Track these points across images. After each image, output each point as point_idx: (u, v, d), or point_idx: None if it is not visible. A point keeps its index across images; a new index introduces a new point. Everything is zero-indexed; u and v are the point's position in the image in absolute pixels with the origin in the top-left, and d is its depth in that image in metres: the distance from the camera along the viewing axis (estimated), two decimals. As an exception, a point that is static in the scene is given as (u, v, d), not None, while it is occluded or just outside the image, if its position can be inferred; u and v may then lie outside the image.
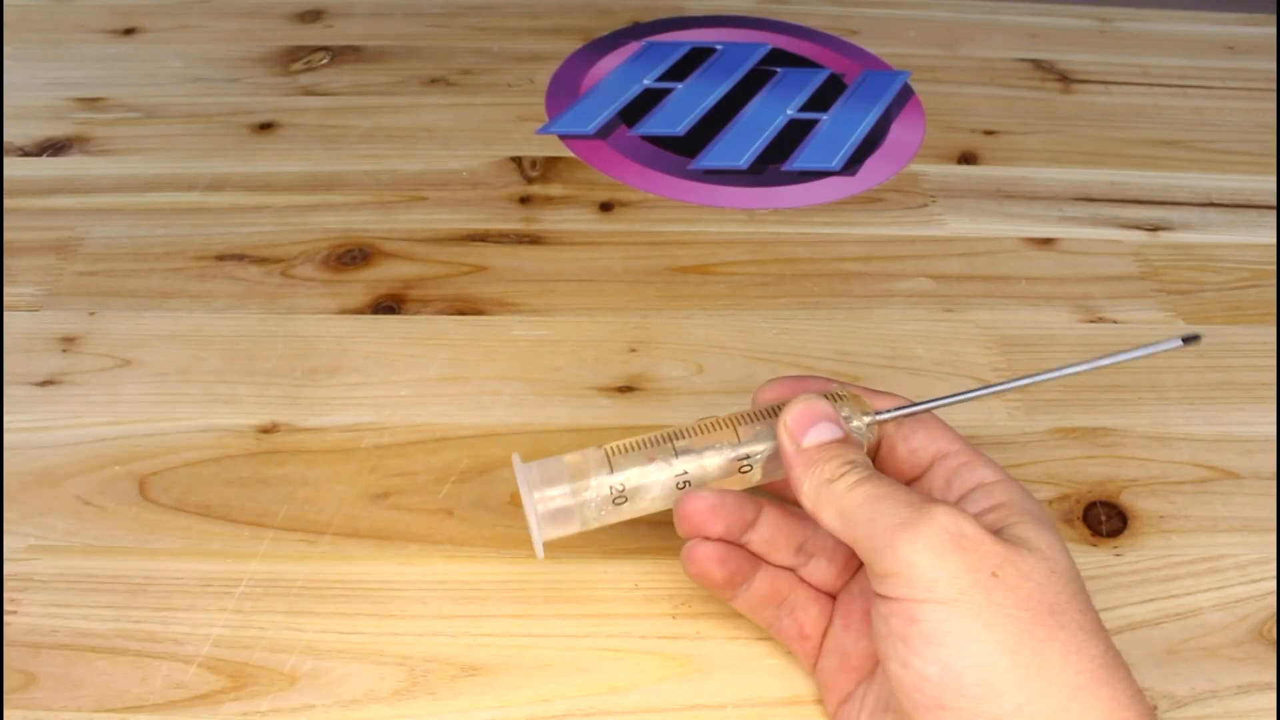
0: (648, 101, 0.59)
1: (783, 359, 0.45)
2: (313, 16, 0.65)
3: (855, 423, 0.32)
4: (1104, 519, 0.39)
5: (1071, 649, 0.26)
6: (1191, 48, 0.67)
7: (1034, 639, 0.26)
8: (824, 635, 0.33)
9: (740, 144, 0.56)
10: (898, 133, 0.58)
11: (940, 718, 0.26)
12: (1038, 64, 0.64)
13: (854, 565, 0.33)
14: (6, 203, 0.50)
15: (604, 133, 0.57)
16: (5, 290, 0.46)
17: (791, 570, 0.33)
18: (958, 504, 0.30)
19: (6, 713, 0.32)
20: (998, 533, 0.28)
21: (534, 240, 0.50)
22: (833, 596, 0.34)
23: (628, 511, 0.32)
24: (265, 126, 0.56)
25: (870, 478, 0.29)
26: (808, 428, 0.30)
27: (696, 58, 0.63)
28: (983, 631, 0.26)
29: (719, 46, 0.64)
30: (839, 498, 0.29)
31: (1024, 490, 0.30)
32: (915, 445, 0.32)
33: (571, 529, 0.32)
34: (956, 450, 0.32)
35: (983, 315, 0.47)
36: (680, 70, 0.62)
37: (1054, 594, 0.27)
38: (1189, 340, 0.31)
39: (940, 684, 0.26)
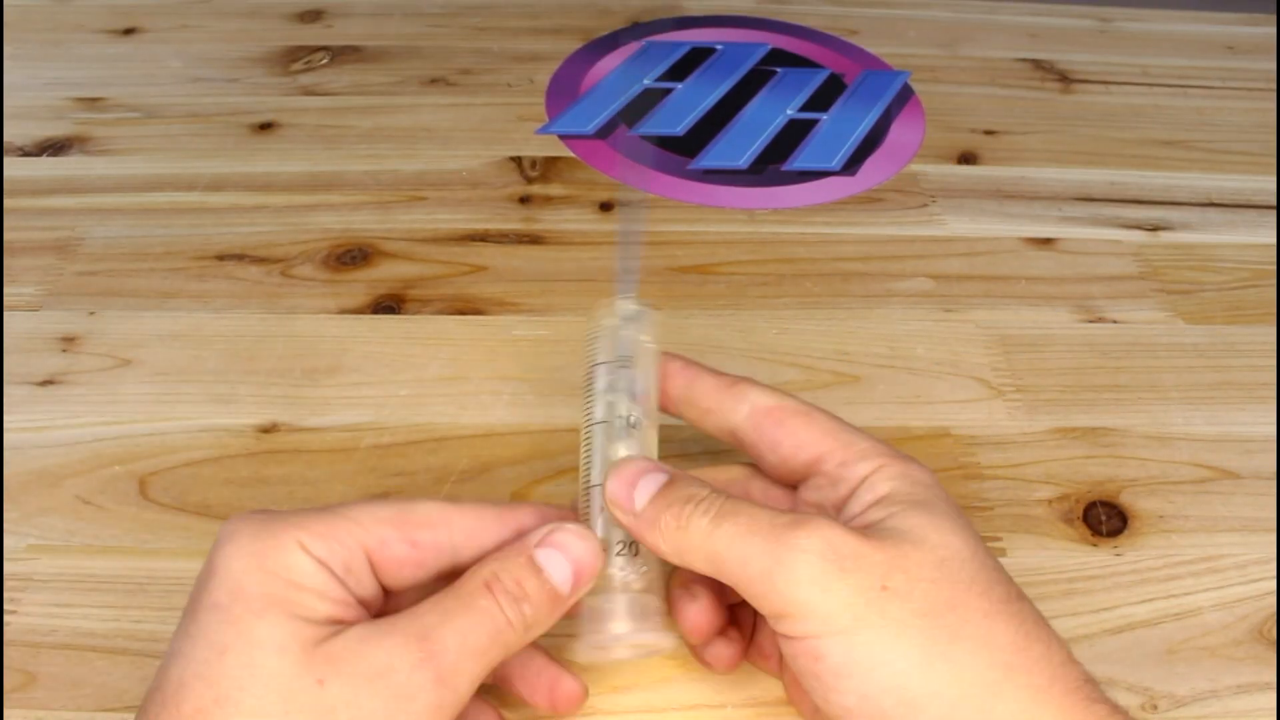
0: (648, 101, 0.59)
1: (783, 359, 0.44)
2: (313, 16, 0.65)
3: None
4: (1104, 519, 0.39)
5: (980, 644, 0.26)
6: (1191, 48, 0.67)
7: (940, 644, 0.25)
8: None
9: (740, 144, 0.56)
10: (897, 133, 0.58)
11: None
12: (1038, 64, 0.64)
13: None
14: (6, 203, 0.50)
15: (604, 133, 0.57)
16: (5, 290, 0.46)
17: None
18: (844, 504, 0.29)
19: (6, 713, 0.32)
20: (881, 523, 0.27)
21: (534, 240, 0.50)
22: None
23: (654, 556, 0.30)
24: (265, 126, 0.56)
25: (722, 511, 0.27)
26: (631, 495, 0.28)
27: (696, 58, 0.63)
28: (887, 653, 0.25)
29: (719, 46, 0.64)
30: (700, 545, 0.27)
31: (910, 473, 0.29)
32: (800, 441, 0.30)
33: (655, 609, 0.30)
34: (831, 450, 0.30)
35: (983, 315, 0.47)
36: (680, 70, 0.62)
37: (950, 588, 0.26)
38: None
39: (861, 712, 0.26)
